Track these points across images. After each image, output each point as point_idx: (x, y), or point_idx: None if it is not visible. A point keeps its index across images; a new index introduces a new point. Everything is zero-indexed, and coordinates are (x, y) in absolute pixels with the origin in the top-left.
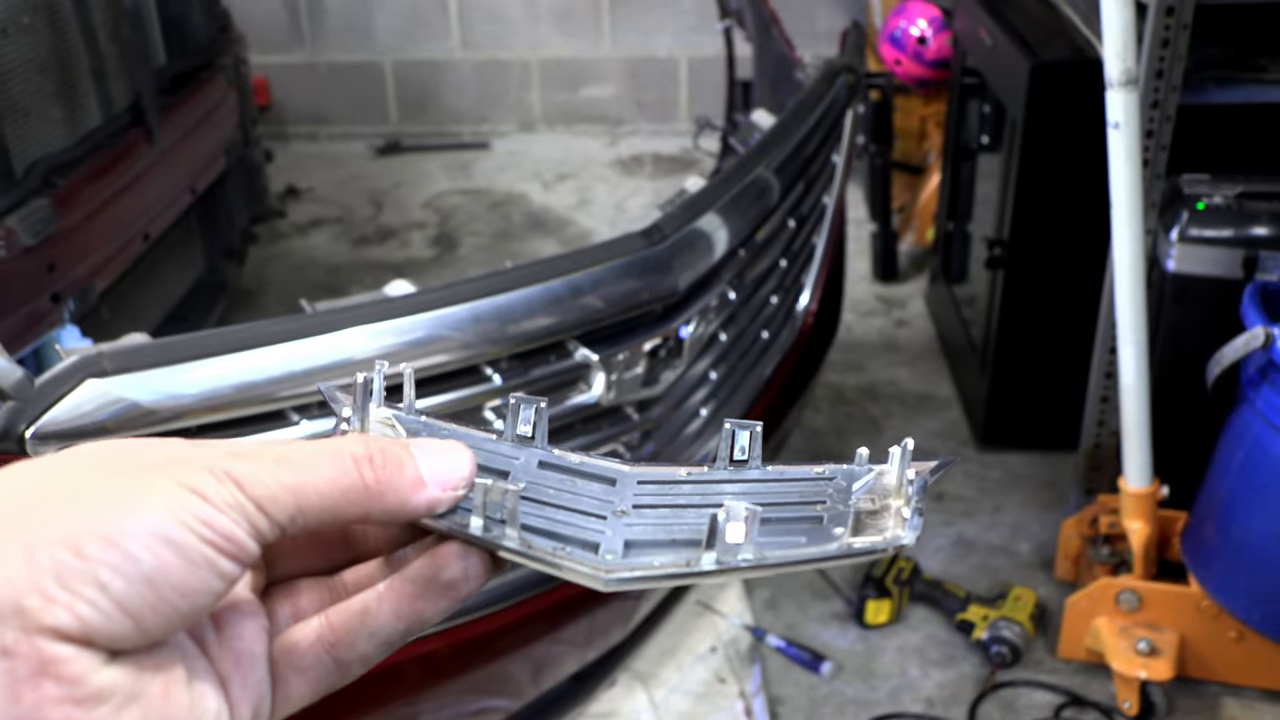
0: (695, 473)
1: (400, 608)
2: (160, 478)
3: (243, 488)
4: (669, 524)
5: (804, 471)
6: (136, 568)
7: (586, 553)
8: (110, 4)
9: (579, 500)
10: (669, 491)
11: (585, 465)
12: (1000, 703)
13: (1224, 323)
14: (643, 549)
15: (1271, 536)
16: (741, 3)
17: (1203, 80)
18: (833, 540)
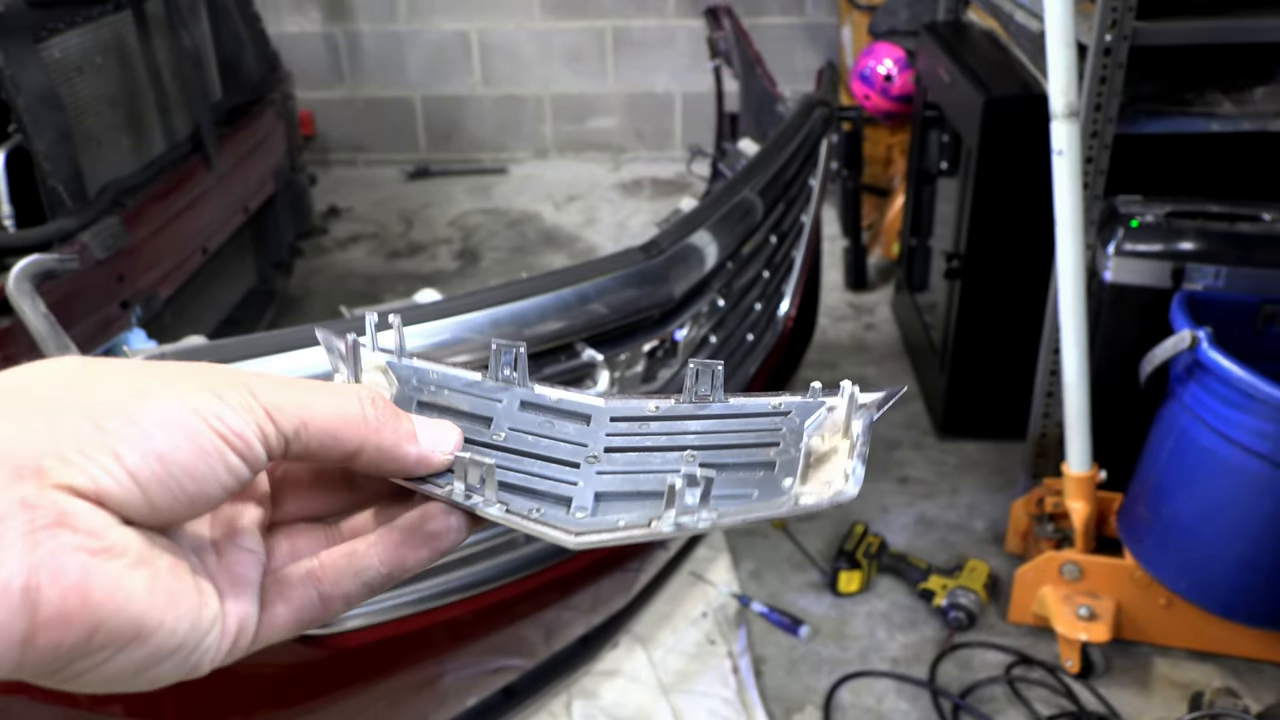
0: (663, 407)
1: (385, 553)
2: (182, 378)
3: (255, 395)
4: (636, 473)
5: (762, 404)
6: (150, 443)
7: (559, 510)
8: (173, 46)
9: (555, 447)
10: (638, 430)
11: (563, 403)
12: (957, 662)
13: (1155, 327)
14: (610, 503)
15: (1197, 515)
16: (729, 45)
17: (1136, 113)
18: (782, 495)
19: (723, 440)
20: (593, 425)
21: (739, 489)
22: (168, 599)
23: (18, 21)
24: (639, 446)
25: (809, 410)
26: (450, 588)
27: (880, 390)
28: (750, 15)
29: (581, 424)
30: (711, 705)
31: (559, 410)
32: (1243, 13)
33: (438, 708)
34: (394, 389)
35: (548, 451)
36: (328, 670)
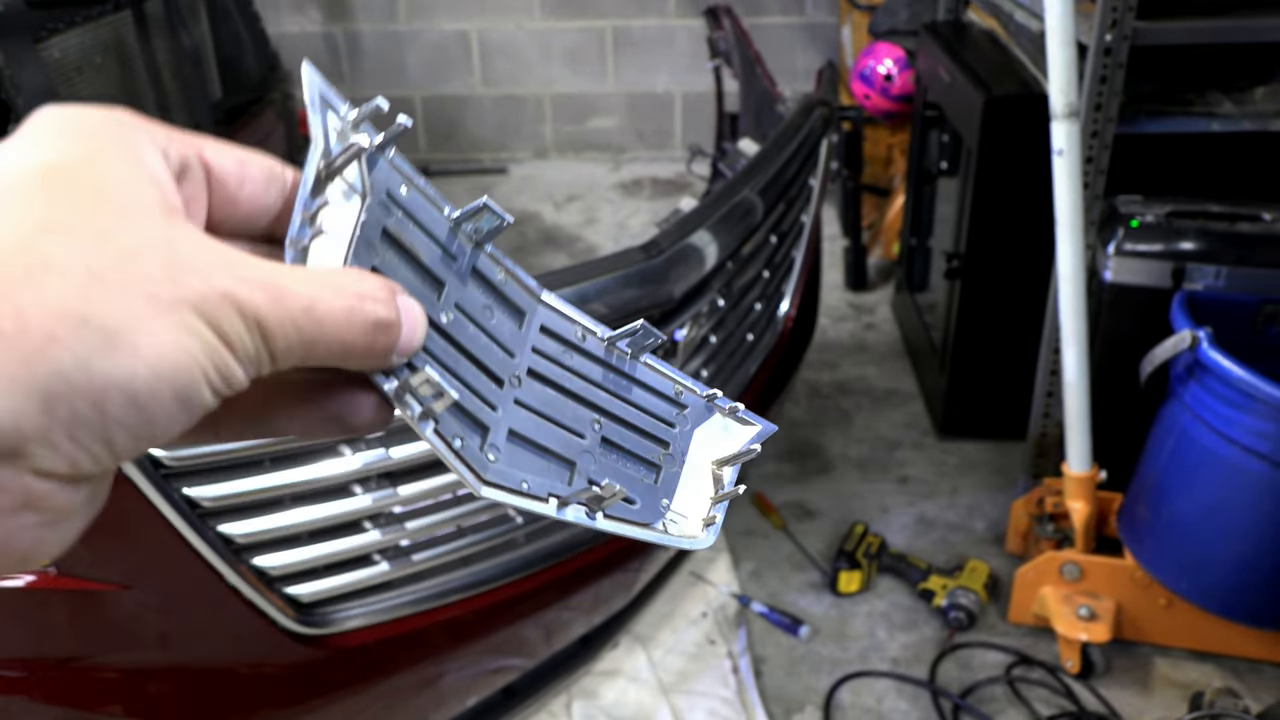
0: (589, 342)
1: (295, 415)
2: (196, 313)
3: (269, 340)
4: (549, 419)
5: (667, 385)
6: (149, 429)
7: (476, 440)
8: (173, 46)
9: (489, 349)
10: (560, 359)
11: (506, 286)
12: (957, 662)
13: (1155, 327)
14: (520, 451)
15: (1197, 515)
16: (729, 44)
17: (1136, 113)
18: (657, 515)
19: (626, 414)
20: (524, 329)
21: (628, 487)
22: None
23: (18, 22)
24: (556, 384)
25: (699, 418)
26: (450, 588)
27: (754, 426)
28: (750, 15)
29: (516, 324)
30: (711, 705)
31: (501, 296)
32: (1243, 13)
33: (438, 708)
34: (365, 201)
35: (482, 354)
36: (328, 670)
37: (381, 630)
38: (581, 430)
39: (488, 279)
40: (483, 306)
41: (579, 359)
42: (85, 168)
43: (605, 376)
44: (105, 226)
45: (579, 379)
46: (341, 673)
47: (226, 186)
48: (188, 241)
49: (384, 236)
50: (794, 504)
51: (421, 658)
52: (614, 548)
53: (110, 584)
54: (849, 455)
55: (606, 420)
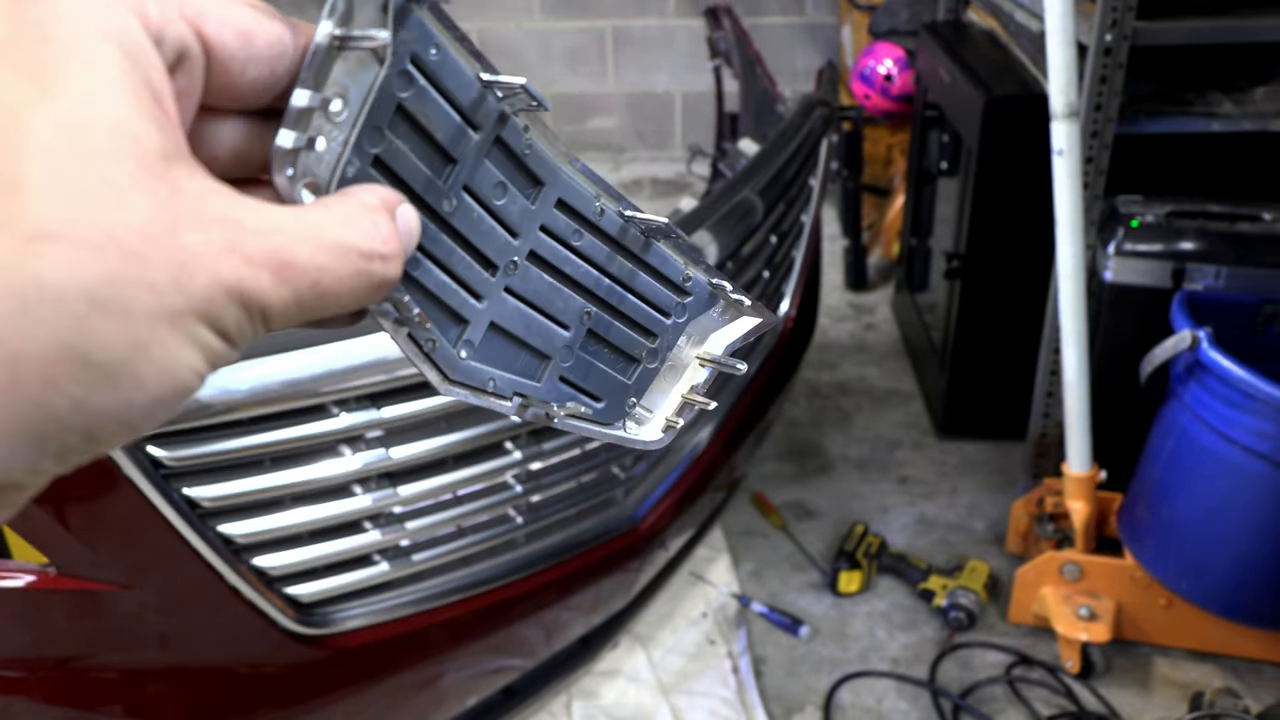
0: (605, 219)
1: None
2: (201, 321)
3: (267, 321)
4: (535, 312)
5: (678, 269)
6: (133, 434)
7: (450, 339)
8: None
9: (491, 234)
10: (568, 239)
11: (528, 156)
12: (958, 662)
13: (1155, 327)
14: (496, 345)
15: (1197, 515)
16: (729, 44)
17: (1136, 113)
18: (618, 415)
19: (623, 303)
20: (538, 204)
21: (596, 386)
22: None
23: None
24: (556, 268)
25: (699, 309)
26: (450, 588)
27: (760, 314)
28: (750, 15)
29: (529, 200)
30: (711, 705)
31: (521, 166)
32: (1243, 13)
33: (438, 708)
34: (382, 68)
35: (482, 241)
36: (328, 670)
37: (381, 630)
38: (568, 322)
39: (510, 148)
40: (495, 184)
41: (588, 239)
42: (73, 104)
43: (610, 259)
44: (105, 219)
45: (582, 262)
46: (342, 673)
47: (228, 71)
48: (190, 218)
49: (397, 112)
50: (794, 504)
51: (421, 658)
52: (614, 548)
53: (110, 584)
54: (849, 455)
55: (598, 311)
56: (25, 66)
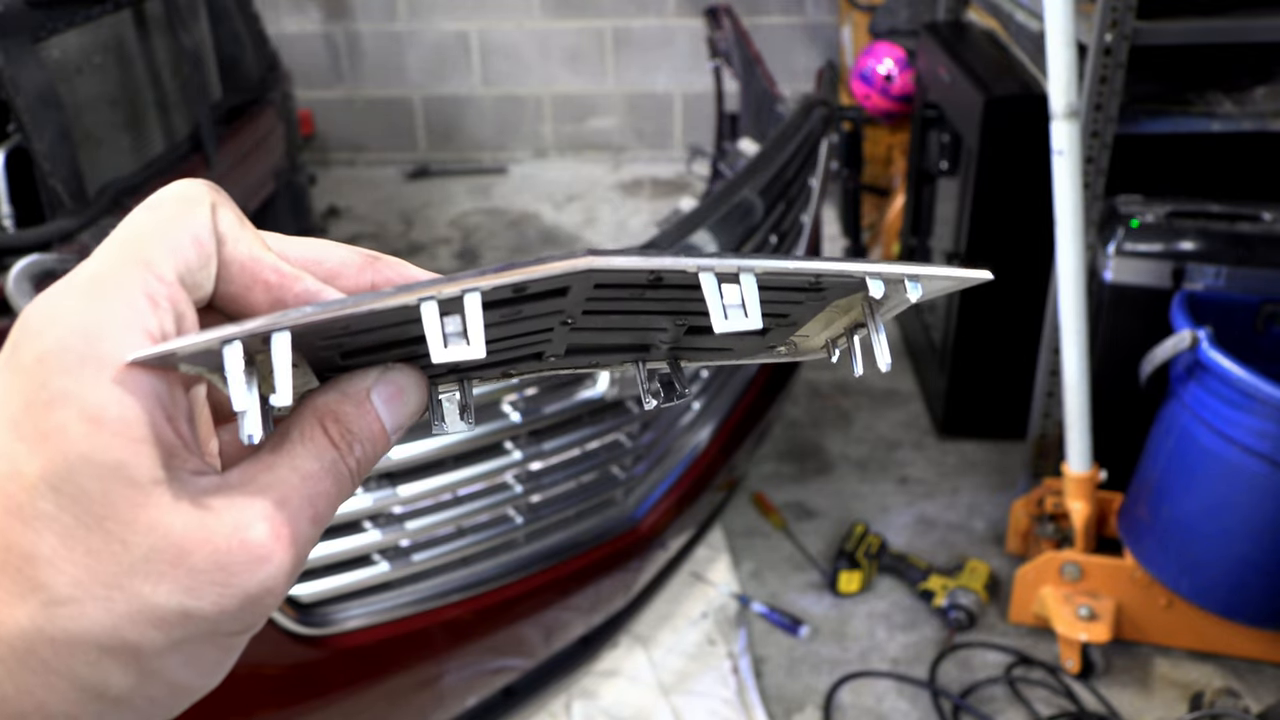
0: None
1: None
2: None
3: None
4: (617, 329)
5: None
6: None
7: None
8: (173, 46)
9: (519, 326)
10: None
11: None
12: (957, 662)
13: (1155, 327)
14: (583, 354)
15: (1197, 515)
16: (729, 44)
17: (1136, 113)
18: (761, 348)
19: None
20: (571, 295)
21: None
22: None
23: (17, 22)
24: (623, 310)
25: (844, 289)
26: (450, 587)
27: (948, 272)
28: (750, 15)
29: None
30: (711, 705)
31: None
32: (1243, 13)
33: (438, 708)
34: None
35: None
36: (328, 670)
37: (381, 630)
38: (660, 325)
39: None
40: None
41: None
42: (66, 461)
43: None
44: (107, 574)
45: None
46: (342, 673)
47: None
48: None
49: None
50: (794, 504)
51: (421, 658)
52: (614, 548)
53: None
54: (849, 455)
55: (691, 317)
56: (31, 437)
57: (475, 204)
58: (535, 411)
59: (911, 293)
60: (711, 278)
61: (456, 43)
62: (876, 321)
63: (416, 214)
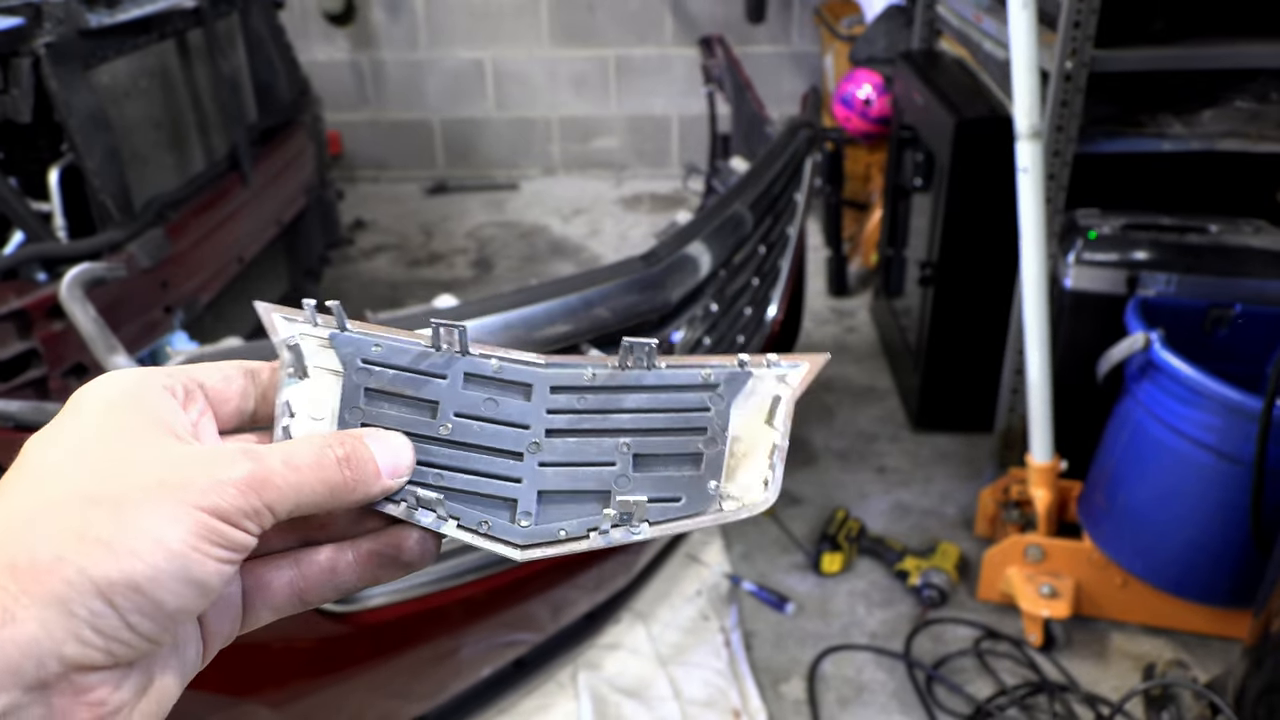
0: (600, 375)
1: (364, 574)
2: (183, 504)
3: (259, 493)
4: (576, 465)
5: (692, 376)
6: (161, 610)
7: (505, 517)
8: (213, 72)
9: (499, 434)
10: (577, 405)
11: (504, 371)
12: (930, 636)
13: (1111, 329)
14: (552, 504)
15: (1150, 502)
16: (722, 71)
17: (1094, 133)
18: (708, 499)
19: (654, 423)
20: (534, 399)
21: (669, 492)
22: (158, 706)
23: (70, 50)
24: (578, 429)
25: (736, 386)
26: (465, 568)
27: (801, 361)
28: (741, 44)
29: (523, 398)
30: (705, 676)
31: (501, 382)
32: (1193, 42)
33: (454, 678)
34: (341, 376)
35: (492, 441)
36: (353, 644)
37: (403, 608)
38: (611, 459)
39: (483, 375)
40: (484, 400)
41: (594, 398)
42: (111, 436)
43: (626, 400)
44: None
45: (599, 415)
46: (367, 647)
47: (219, 394)
48: (178, 450)
49: (367, 394)
50: (781, 491)
51: (440, 633)
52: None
53: None
54: (831, 447)
55: (635, 437)
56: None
57: (489, 217)
58: None
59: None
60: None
61: (472, 70)
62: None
63: (436, 226)
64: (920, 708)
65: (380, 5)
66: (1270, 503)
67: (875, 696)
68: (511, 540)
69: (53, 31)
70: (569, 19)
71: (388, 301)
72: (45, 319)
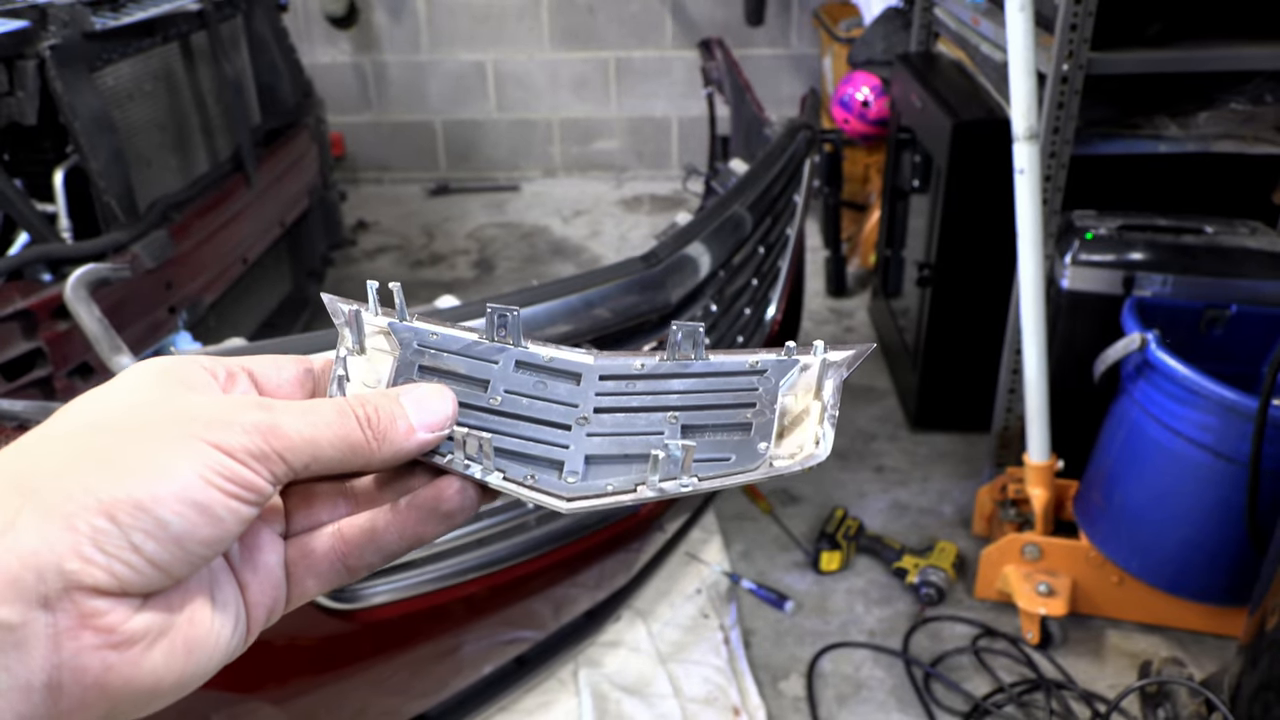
0: (648, 365)
1: (405, 530)
2: (190, 436)
3: (267, 438)
4: (623, 435)
5: (739, 363)
6: (166, 531)
7: (552, 475)
8: (216, 75)
9: (548, 409)
10: (625, 390)
11: (555, 361)
12: (928, 633)
13: (1108, 330)
14: (599, 466)
15: (1146, 501)
16: (721, 74)
17: (1090, 135)
18: (758, 458)
19: (703, 400)
20: (583, 384)
21: (717, 453)
22: (186, 655)
23: (75, 52)
24: (625, 407)
25: (783, 370)
26: (467, 566)
27: (850, 348)
28: (740, 47)
29: (572, 383)
30: (705, 673)
31: (551, 370)
32: (1188, 45)
33: (456, 675)
34: (396, 353)
35: (541, 414)
36: (356, 641)
37: (405, 605)
38: (659, 429)
39: (534, 364)
40: (534, 383)
41: (644, 384)
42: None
43: (674, 384)
44: (128, 411)
45: (648, 396)
46: (370, 644)
47: (269, 382)
48: (195, 398)
49: (420, 370)
50: (780, 491)
51: (442, 630)
52: (617, 530)
53: None
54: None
55: (683, 412)
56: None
57: (491, 218)
58: None
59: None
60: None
61: (474, 72)
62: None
63: (437, 227)
64: (918, 705)
65: (382, 8)
66: (1265, 501)
67: (873, 694)
68: (558, 493)
69: (58, 34)
70: (570, 22)
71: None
72: (50, 319)
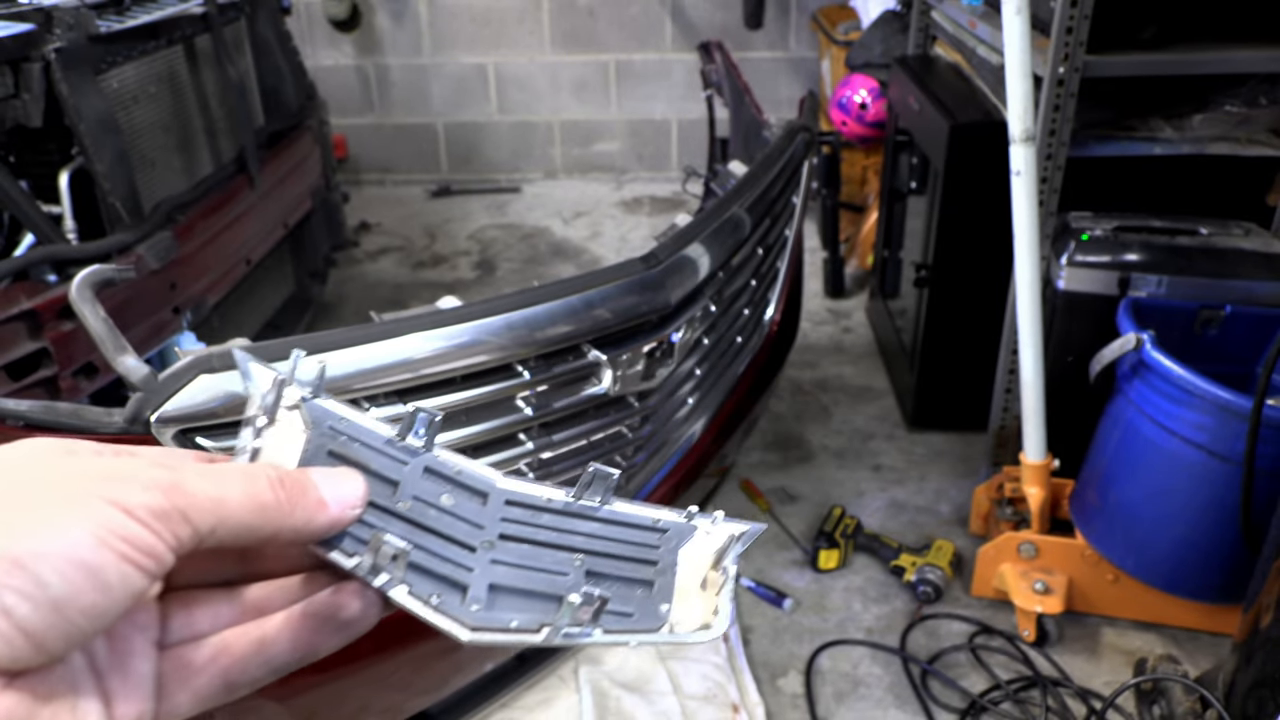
0: (555, 501)
1: (298, 640)
2: (85, 493)
3: (170, 495)
4: (528, 569)
5: (644, 518)
6: (45, 593)
7: (456, 598)
8: (220, 77)
9: (454, 525)
10: (531, 520)
11: (462, 475)
12: (925, 631)
13: (1103, 330)
14: (503, 597)
15: (1141, 500)
16: (720, 76)
17: (1086, 137)
18: (659, 621)
19: (607, 548)
20: (489, 506)
21: (621, 606)
22: None
23: (80, 55)
24: (532, 540)
25: (683, 534)
26: None
27: (746, 524)
28: (739, 49)
29: (479, 503)
30: (704, 670)
31: (459, 483)
32: (1183, 48)
33: (458, 673)
34: (307, 432)
35: (447, 529)
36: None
37: None
38: (564, 570)
39: (442, 473)
40: (441, 494)
41: (549, 517)
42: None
43: (579, 525)
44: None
45: (553, 532)
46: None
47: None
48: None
49: (330, 455)
50: (778, 489)
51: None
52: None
53: None
54: (828, 445)
55: (588, 556)
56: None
57: (492, 219)
58: (546, 406)
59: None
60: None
61: (475, 75)
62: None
63: (439, 229)
64: (915, 701)
65: (385, 11)
66: (1260, 500)
67: (871, 690)
68: (462, 620)
69: (63, 37)
70: (570, 25)
71: (392, 303)
72: (55, 319)
